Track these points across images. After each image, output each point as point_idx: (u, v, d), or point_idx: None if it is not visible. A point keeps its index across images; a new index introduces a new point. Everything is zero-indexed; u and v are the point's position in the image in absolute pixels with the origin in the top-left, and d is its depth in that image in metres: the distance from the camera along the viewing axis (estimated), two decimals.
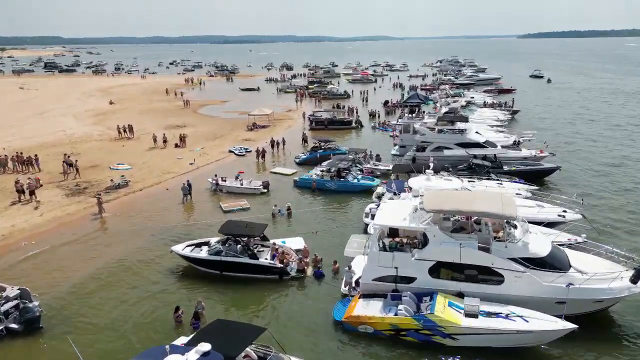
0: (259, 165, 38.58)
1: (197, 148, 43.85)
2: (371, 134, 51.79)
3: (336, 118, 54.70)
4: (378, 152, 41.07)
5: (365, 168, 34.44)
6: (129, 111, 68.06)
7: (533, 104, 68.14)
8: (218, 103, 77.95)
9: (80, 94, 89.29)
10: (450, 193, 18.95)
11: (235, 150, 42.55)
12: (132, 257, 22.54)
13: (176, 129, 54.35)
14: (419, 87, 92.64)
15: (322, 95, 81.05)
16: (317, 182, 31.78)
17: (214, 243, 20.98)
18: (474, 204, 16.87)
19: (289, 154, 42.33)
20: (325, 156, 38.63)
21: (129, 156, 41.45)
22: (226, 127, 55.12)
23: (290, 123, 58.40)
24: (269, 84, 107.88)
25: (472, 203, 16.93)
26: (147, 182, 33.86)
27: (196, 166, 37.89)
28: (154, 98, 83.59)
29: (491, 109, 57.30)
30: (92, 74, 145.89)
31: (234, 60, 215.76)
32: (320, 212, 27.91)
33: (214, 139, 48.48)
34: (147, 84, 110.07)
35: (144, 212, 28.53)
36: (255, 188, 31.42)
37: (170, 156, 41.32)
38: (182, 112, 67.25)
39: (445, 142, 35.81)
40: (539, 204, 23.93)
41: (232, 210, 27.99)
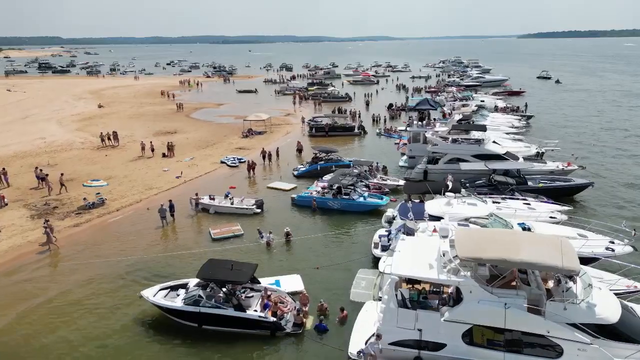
0: (251, 180, 34.59)
1: (186, 158, 40.05)
2: (375, 141, 47.99)
3: (337, 124, 50.92)
4: (384, 162, 37.32)
5: (371, 183, 30.65)
6: (117, 115, 64.28)
7: (546, 108, 64.35)
8: (213, 106, 74.16)
9: (69, 96, 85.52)
10: (488, 234, 15.01)
11: (227, 161, 38.73)
12: (90, 301, 18.69)
13: (166, 135, 50.60)
14: (423, 89, 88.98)
15: (322, 97, 77.29)
16: (318, 201, 27.99)
17: (193, 287, 17.19)
18: (522, 250, 13.05)
19: (287, 166, 38.56)
20: (326, 168, 34.88)
21: (110, 167, 37.68)
22: (219, 134, 51.32)
23: (289, 129, 54.61)
24: (268, 86, 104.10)
25: (519, 249, 13.11)
26: (127, 200, 30.05)
27: (183, 180, 34.07)
28: (146, 101, 79.80)
29: (503, 114, 53.57)
30: (87, 75, 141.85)
31: (232, 60, 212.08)
32: (322, 239, 24.07)
33: (206, 147, 44.68)
34: (141, 85, 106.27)
35: (116, 238, 24.67)
36: (247, 208, 27.61)
37: (156, 168, 37.53)
38: (174, 117, 63.46)
39: (461, 153, 32.02)
40: (580, 233, 20.17)
41: (223, 238, 24.15)
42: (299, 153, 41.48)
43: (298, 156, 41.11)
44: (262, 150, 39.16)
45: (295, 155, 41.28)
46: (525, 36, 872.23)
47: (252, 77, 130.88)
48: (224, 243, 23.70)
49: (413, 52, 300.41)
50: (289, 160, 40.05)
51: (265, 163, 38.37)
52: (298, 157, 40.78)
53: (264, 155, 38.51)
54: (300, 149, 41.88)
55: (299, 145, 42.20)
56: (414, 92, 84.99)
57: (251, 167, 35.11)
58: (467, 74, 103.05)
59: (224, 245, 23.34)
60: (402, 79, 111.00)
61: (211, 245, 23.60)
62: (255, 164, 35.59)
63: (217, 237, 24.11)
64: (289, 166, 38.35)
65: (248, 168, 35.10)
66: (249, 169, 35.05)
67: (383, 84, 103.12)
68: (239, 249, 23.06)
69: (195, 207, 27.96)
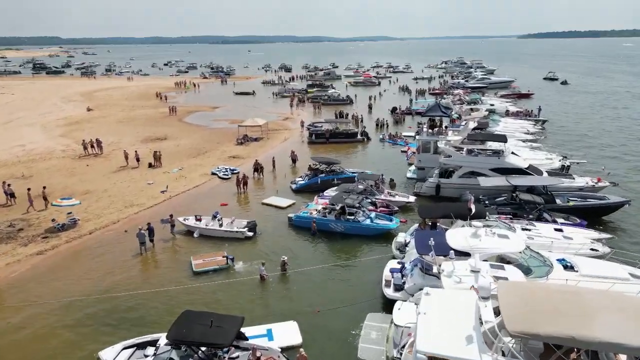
0: (243, 196, 31.10)
1: (174, 169, 36.67)
2: (379, 149, 44.65)
3: (339, 129, 47.55)
4: (390, 173, 34.11)
5: (379, 200, 27.29)
6: (106, 120, 60.89)
7: (559, 112, 60.93)
8: (207, 109, 70.75)
9: (59, 98, 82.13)
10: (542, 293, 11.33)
11: (218, 172, 35.34)
12: None
13: (155, 142, 47.26)
14: (427, 91, 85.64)
15: (322, 100, 73.92)
16: (319, 223, 24.63)
17: (164, 347, 13.83)
18: (595, 322, 9.68)
19: (284, 177, 35.21)
20: (328, 182, 31.57)
21: (90, 180, 34.31)
22: (213, 140, 47.94)
23: (287, 134, 51.23)
24: (266, 87, 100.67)
25: (592, 320, 9.72)
26: (103, 220, 26.67)
27: (168, 195, 30.69)
28: (138, 103, 76.41)
29: (515, 119, 50.20)
30: (81, 76, 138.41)
31: (231, 61, 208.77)
32: (323, 272, 20.67)
33: (197, 156, 41.31)
34: (135, 87, 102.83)
35: (82, 270, 21.26)
36: (238, 231, 24.24)
37: (140, 180, 34.16)
38: (166, 121, 60.07)
39: (478, 166, 28.68)
40: (632, 272, 16.79)
41: (206, 272, 20.75)
42: (293, 163, 37.94)
43: (293, 167, 37.61)
44: (254, 162, 35.48)
45: (292, 166, 37.89)
46: (525, 36, 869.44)
47: (250, 78, 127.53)
48: (208, 277, 20.32)
49: (413, 53, 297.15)
50: (286, 171, 36.71)
51: (255, 176, 34.59)
52: (293, 168, 37.30)
53: (256, 168, 34.81)
54: (294, 159, 38.21)
55: (293, 155, 38.41)
56: (417, 95, 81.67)
57: (241, 181, 31.36)
58: (472, 75, 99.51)
59: (206, 281, 19.95)
60: (404, 80, 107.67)
61: (192, 279, 20.22)
62: (246, 178, 31.92)
63: (199, 270, 20.69)
64: (286, 178, 35.04)
65: (237, 183, 31.33)
66: (238, 183, 31.28)
67: (385, 86, 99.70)
68: (226, 284, 19.68)
69: (171, 230, 24.41)
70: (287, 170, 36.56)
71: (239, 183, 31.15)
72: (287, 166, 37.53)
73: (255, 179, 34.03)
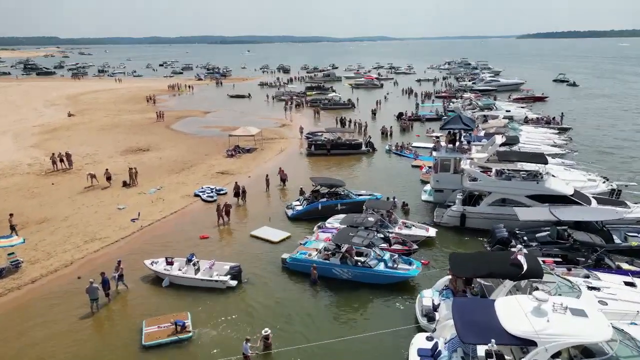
0: (227, 227, 25.92)
1: (152, 189, 31.67)
2: (386, 162, 39.73)
3: (341, 140, 42.59)
4: (402, 194, 29.28)
5: (393, 236, 22.34)
6: (87, 126, 55.89)
7: (580, 118, 55.87)
8: (199, 114, 65.73)
9: (41, 102, 77.02)
10: None
11: (202, 194, 30.32)
12: None
13: (136, 153, 42.32)
14: (433, 93, 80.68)
15: (321, 104, 68.96)
16: (321, 267, 19.66)
17: None
18: None
19: (279, 199, 30.28)
20: (330, 207, 26.69)
21: (51, 203, 29.33)
22: (200, 151, 42.95)
23: (284, 144, 46.23)
24: (263, 90, 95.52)
25: None
26: (53, 261, 21.68)
27: (140, 225, 25.70)
28: (125, 107, 71.37)
29: (535, 127, 45.24)
30: (71, 77, 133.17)
31: (229, 61, 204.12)
32: (324, 350, 15.67)
33: (180, 171, 36.32)
34: (125, 89, 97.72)
35: (5, 340, 16.30)
36: (218, 280, 19.26)
37: (110, 204, 29.16)
38: (152, 128, 55.07)
39: (512, 192, 23.76)
40: None
41: (161, 345, 15.68)
42: (282, 183, 32.69)
43: (282, 187, 32.37)
44: (234, 185, 30.07)
45: (290, 182, 32.87)
46: (524, 36, 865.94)
47: (247, 79, 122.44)
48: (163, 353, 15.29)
49: (414, 53, 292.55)
50: (275, 192, 31.70)
51: (238, 202, 29.20)
52: (282, 189, 32.03)
53: (237, 192, 29.52)
54: (283, 179, 32.72)
55: (282, 174, 32.90)
56: (423, 98, 76.75)
57: (223, 210, 26.04)
58: (480, 77, 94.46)
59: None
60: (406, 81, 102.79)
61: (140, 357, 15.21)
62: (229, 206, 26.59)
63: (150, 343, 15.51)
64: (281, 200, 30.10)
65: (219, 213, 26.02)
66: (219, 214, 25.99)
67: (387, 87, 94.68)
68: None
69: (117, 280, 19.06)
70: (276, 193, 31.49)
71: (221, 214, 25.90)
72: (275, 187, 32.42)
73: (236, 206, 28.58)
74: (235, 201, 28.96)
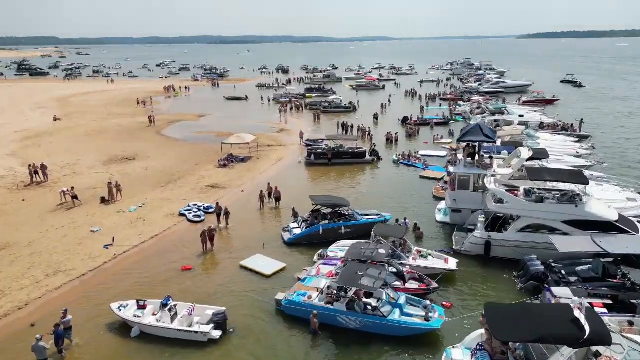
0: (212, 256, 22.48)
1: (133, 207, 28.26)
2: (393, 172, 36.37)
3: (344, 148, 39.23)
4: (413, 212, 25.98)
5: (407, 271, 18.94)
6: (72, 131, 52.49)
7: (598, 123, 52.39)
8: (192, 118, 62.34)
9: (29, 104, 73.56)
10: None
11: (188, 214, 26.91)
12: None
13: (121, 163, 38.95)
14: (437, 96, 77.30)
15: (322, 107, 65.58)
16: (322, 315, 16.27)
17: None
18: None
19: (274, 219, 26.93)
20: (332, 231, 23.34)
21: (18, 224, 25.93)
22: (190, 160, 39.57)
23: (282, 152, 42.83)
24: (261, 91, 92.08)
25: None
26: (5, 302, 18.23)
27: (113, 254, 22.29)
28: (116, 111, 67.92)
29: (552, 134, 41.90)
30: (64, 78, 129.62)
31: (227, 61, 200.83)
32: None
33: (167, 185, 32.92)
34: (118, 91, 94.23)
35: None
36: (199, 332, 15.87)
37: (83, 225, 25.77)
38: (142, 133, 51.66)
39: (545, 217, 20.38)
40: None
41: None
42: (276, 202, 28.81)
43: (276, 208, 28.50)
44: (216, 207, 26.16)
45: (288, 199, 29.50)
46: (524, 36, 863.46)
47: (245, 80, 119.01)
48: None
49: (414, 53, 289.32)
50: (280, 207, 28.34)
51: (220, 223, 25.55)
52: (276, 210, 28.16)
53: (219, 214, 25.65)
54: (277, 197, 28.70)
55: (275, 192, 28.76)
56: (428, 101, 73.37)
57: (208, 236, 22.46)
58: (486, 78, 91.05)
59: None
60: (409, 83, 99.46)
61: None
62: (213, 231, 22.95)
63: None
64: (277, 219, 26.74)
65: (203, 239, 22.50)
66: (204, 240, 22.49)
67: (390, 89, 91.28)
68: None
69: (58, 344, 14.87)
70: (272, 212, 28.08)
71: (205, 240, 22.44)
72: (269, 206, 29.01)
73: (219, 229, 24.72)
74: (220, 224, 25.37)
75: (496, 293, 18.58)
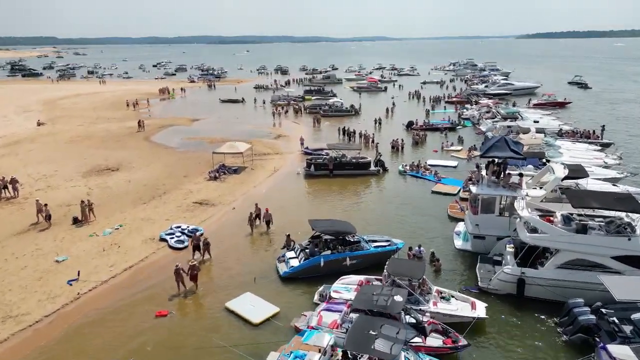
0: (192, 298, 18.81)
1: (108, 229, 24.86)
2: (401, 186, 33.06)
3: (346, 158, 35.87)
4: (426, 235, 22.65)
5: (430, 320, 15.55)
6: (55, 138, 49.05)
7: (617, 129, 49.10)
8: (185, 122, 58.91)
9: (14, 108, 70.04)
10: None
11: (170, 239, 23.46)
12: None
13: (102, 174, 35.59)
14: (442, 98, 73.92)
15: (322, 110, 62.20)
16: None
17: None
18: None
19: (270, 245, 23.53)
20: (336, 263, 19.96)
21: None
22: (179, 171, 36.17)
23: (278, 162, 39.41)
24: (259, 93, 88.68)
25: None
26: None
27: (77, 292, 18.87)
28: (105, 114, 64.51)
29: (572, 140, 38.61)
30: (57, 79, 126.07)
31: (225, 61, 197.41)
32: None
33: (149, 200, 29.53)
34: (110, 93, 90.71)
35: None
36: None
37: (49, 252, 22.37)
38: (129, 140, 48.22)
39: (591, 252, 17.02)
40: None
41: None
42: (267, 226, 24.90)
43: (264, 233, 24.55)
44: (192, 238, 22.07)
45: (283, 218, 26.13)
46: (523, 36, 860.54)
47: (242, 81, 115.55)
48: None
49: (414, 53, 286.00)
50: (273, 231, 24.92)
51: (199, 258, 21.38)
52: (265, 236, 24.22)
53: (197, 245, 21.59)
54: (268, 221, 24.70)
55: (266, 215, 24.79)
56: (433, 103, 69.97)
57: (188, 274, 18.68)
58: (492, 80, 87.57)
59: None
60: (411, 84, 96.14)
61: None
62: (196, 269, 19.05)
63: None
64: (271, 245, 23.33)
65: (178, 278, 18.47)
66: (179, 279, 18.57)
67: (392, 91, 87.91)
68: None
69: None
70: (264, 237, 24.60)
71: (180, 279, 18.67)
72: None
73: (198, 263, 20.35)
74: (198, 256, 21.43)
75: (536, 351, 15.18)
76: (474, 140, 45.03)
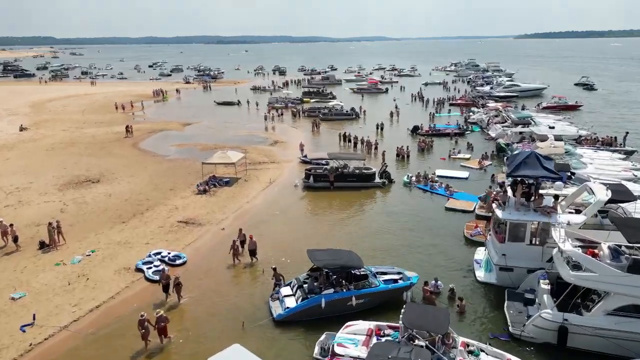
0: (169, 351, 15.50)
1: (78, 256, 21.72)
2: (408, 200, 30.00)
3: (348, 168, 32.79)
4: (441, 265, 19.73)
5: None
6: (36, 144, 45.86)
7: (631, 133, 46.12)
8: (177, 127, 55.77)
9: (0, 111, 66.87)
10: None
11: (147, 269, 20.30)
12: None
13: (81, 187, 32.48)
14: (446, 100, 70.83)
15: (321, 114, 59.16)
16: None
17: None
18: None
19: (262, 274, 20.42)
20: (339, 302, 16.89)
21: None
22: (165, 184, 33.04)
23: (275, 172, 36.26)
24: (256, 95, 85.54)
25: None
26: None
27: (30, 342, 15.76)
28: (93, 118, 61.34)
29: (593, 149, 35.59)
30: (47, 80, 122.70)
31: (223, 62, 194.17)
32: None
33: (129, 219, 26.42)
34: (102, 94, 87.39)
35: None
36: None
37: (4, 286, 19.25)
38: (115, 147, 45.08)
39: None
40: None
41: None
42: (251, 256, 21.33)
43: (253, 262, 21.20)
44: (162, 275, 18.21)
45: (276, 243, 23.03)
46: (522, 37, 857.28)
47: (239, 82, 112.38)
48: None
49: (414, 53, 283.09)
50: (261, 262, 21.72)
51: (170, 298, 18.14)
52: (251, 268, 20.87)
53: (166, 285, 17.93)
54: (252, 250, 21.14)
55: (250, 243, 21.26)
56: (437, 106, 66.91)
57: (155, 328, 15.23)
58: (497, 81, 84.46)
59: None
60: (413, 85, 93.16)
61: None
62: (166, 321, 15.39)
63: None
64: (263, 277, 20.19)
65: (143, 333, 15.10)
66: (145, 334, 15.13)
67: (393, 92, 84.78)
68: None
69: None
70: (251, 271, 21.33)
71: (146, 334, 15.20)
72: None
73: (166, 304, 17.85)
74: (166, 298, 18.10)
75: None
76: (484, 146, 42.07)
